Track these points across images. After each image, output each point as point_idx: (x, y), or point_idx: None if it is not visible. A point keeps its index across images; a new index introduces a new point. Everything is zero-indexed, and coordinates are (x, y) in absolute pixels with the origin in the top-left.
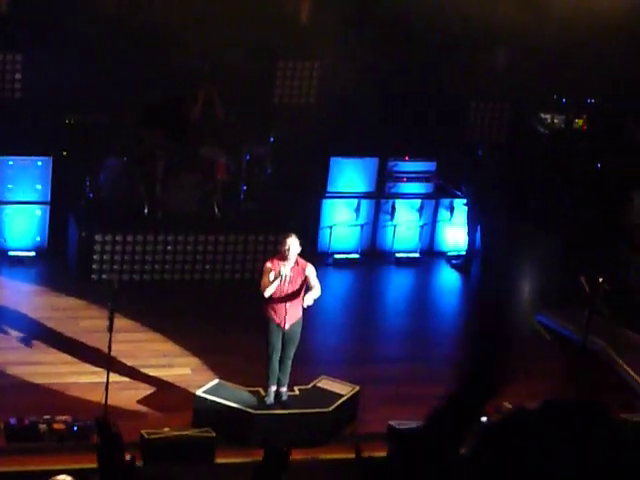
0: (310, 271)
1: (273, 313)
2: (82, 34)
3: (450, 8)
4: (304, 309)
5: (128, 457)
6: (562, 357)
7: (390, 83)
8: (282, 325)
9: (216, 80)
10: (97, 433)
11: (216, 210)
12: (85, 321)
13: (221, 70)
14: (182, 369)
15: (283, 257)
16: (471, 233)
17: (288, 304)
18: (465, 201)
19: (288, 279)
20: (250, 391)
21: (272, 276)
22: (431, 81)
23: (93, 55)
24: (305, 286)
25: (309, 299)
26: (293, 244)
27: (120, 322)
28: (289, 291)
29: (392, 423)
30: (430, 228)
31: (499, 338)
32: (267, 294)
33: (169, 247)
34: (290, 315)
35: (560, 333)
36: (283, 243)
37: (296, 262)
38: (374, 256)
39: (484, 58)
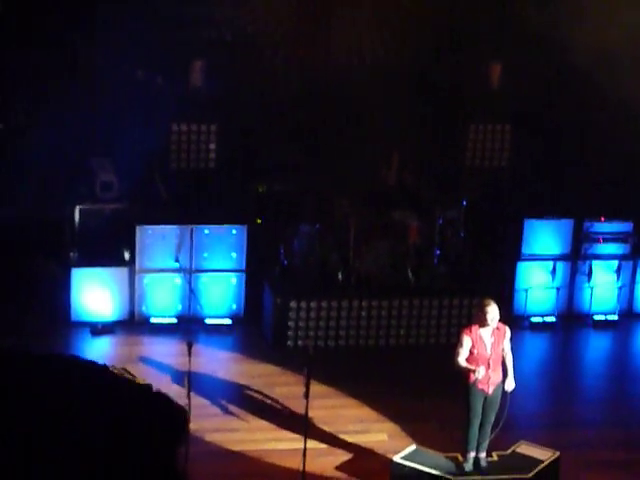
0: (509, 335)
1: (475, 377)
2: (272, 103)
3: None
4: (504, 374)
5: None
6: None
7: (582, 143)
8: (486, 390)
9: (407, 145)
10: None
11: (410, 274)
12: (281, 388)
13: (412, 133)
14: (379, 435)
15: (483, 324)
16: None
17: (491, 368)
18: None
19: (490, 344)
20: (448, 457)
21: (468, 345)
22: (623, 140)
23: (284, 123)
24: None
25: (511, 384)
26: (494, 311)
27: (316, 388)
28: (492, 355)
29: None
30: (628, 289)
31: None
32: (459, 364)
33: (363, 312)
34: (493, 379)
35: None
36: (484, 311)
37: (497, 326)
38: (571, 319)
39: None
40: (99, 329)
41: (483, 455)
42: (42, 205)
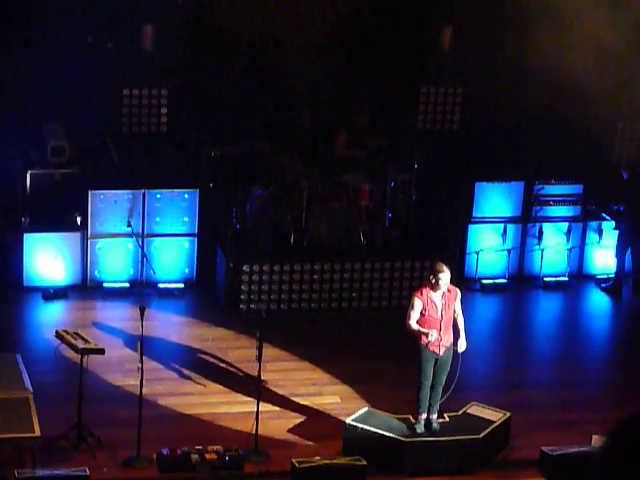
0: (459, 297)
1: (427, 340)
2: (223, 69)
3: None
4: (455, 337)
5: None
6: None
7: (533, 106)
8: (437, 352)
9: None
10: None
11: (361, 237)
12: (234, 351)
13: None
14: (331, 397)
15: (434, 288)
16: (621, 255)
17: (442, 330)
18: (614, 224)
19: (441, 306)
20: (399, 419)
21: (419, 308)
22: (575, 103)
23: (235, 88)
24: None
25: (462, 345)
26: (446, 277)
27: (269, 351)
28: (443, 318)
29: (544, 449)
30: (578, 251)
31: None
32: (411, 327)
33: (315, 276)
34: (444, 342)
35: None
36: (436, 276)
37: (447, 289)
38: (522, 281)
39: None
40: (51, 294)
41: (434, 417)
42: None
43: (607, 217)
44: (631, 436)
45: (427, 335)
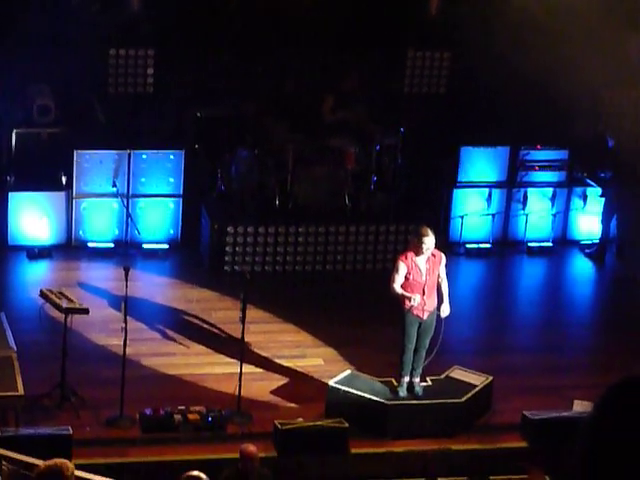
0: (444, 262)
1: (411, 304)
2: (209, 28)
3: None
4: (438, 302)
5: None
6: None
7: (520, 71)
8: (421, 316)
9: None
10: None
11: (346, 201)
12: (218, 312)
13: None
14: (314, 360)
15: (418, 252)
16: (606, 222)
17: (426, 295)
18: (600, 190)
19: (425, 271)
20: (382, 382)
21: (403, 272)
22: (563, 70)
23: (222, 48)
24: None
25: (446, 310)
26: (430, 241)
27: (253, 313)
28: (427, 282)
29: (526, 413)
30: (563, 217)
31: None
32: (395, 291)
33: (300, 238)
34: (428, 306)
35: None
36: (420, 240)
37: (432, 253)
38: (506, 245)
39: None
40: (36, 253)
41: (417, 380)
42: None
43: (593, 184)
44: (622, 401)
45: (410, 299)
